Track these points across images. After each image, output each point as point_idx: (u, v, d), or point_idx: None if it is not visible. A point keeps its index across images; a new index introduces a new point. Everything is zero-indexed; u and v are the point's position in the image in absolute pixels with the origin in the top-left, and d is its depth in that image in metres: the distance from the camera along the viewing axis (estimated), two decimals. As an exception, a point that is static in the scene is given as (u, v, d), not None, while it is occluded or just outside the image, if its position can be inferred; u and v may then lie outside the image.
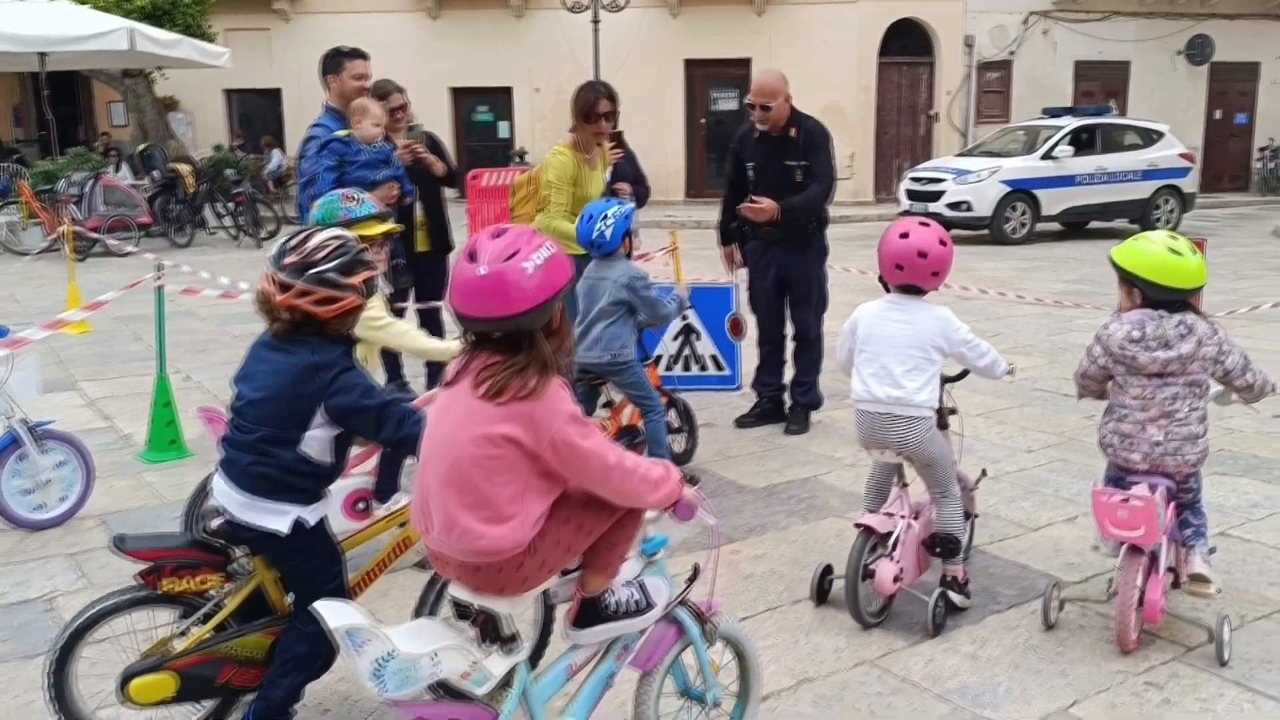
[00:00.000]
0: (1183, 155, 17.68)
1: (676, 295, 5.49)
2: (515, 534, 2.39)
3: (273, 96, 24.88)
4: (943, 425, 4.05)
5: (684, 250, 7.53)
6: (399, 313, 7.04)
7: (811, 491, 5.32)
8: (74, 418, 6.71)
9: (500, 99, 24.39)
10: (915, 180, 17.40)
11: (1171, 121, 19.57)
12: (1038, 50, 23.81)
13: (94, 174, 16.41)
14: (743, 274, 6.75)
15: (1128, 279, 3.58)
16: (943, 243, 3.79)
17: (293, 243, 3.00)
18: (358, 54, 6.25)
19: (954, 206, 16.54)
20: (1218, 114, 25.62)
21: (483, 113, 24.81)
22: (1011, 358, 8.34)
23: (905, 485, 4.05)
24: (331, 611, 2.39)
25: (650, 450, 5.26)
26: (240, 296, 7.37)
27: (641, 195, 7.14)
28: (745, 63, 22.94)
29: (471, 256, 2.37)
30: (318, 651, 2.95)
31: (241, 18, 24.34)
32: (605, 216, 5.19)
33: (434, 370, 7.32)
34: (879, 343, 3.85)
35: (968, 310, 10.27)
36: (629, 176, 6.92)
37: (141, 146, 18.52)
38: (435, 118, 24.12)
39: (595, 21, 20.51)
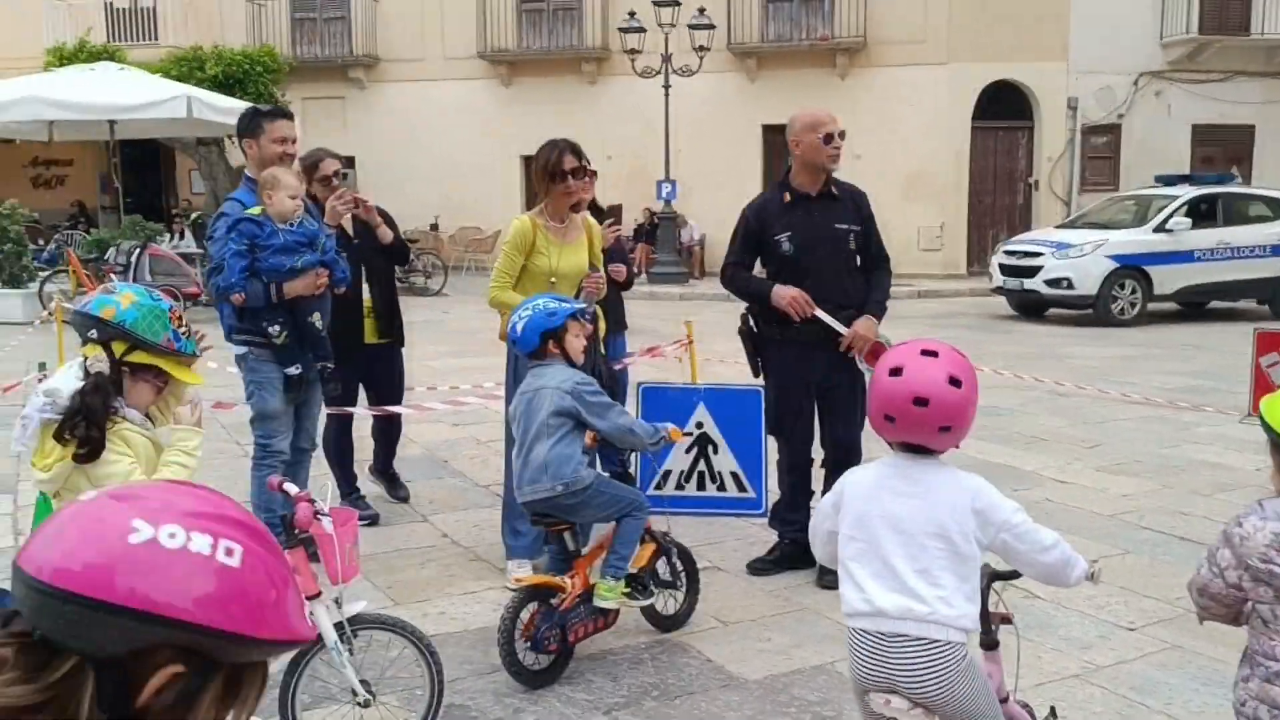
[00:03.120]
0: (1318, 228, 15.74)
1: (663, 425, 4.23)
2: None
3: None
4: (990, 644, 2.67)
5: (731, 333, 6.04)
6: (342, 421, 5.91)
7: (824, 691, 3.89)
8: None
9: (573, 167, 23.57)
10: (1009, 254, 15.79)
11: (1304, 191, 17.64)
12: (1150, 113, 22.02)
13: (142, 244, 15.86)
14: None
15: None
16: (955, 381, 2.46)
17: None
18: (280, 113, 5.14)
19: (1053, 283, 14.90)
20: (1357, 183, 23.38)
21: (555, 181, 24.03)
22: (1113, 479, 6.96)
23: None
24: None
25: (614, 549, 4.10)
26: (235, 408, 6.24)
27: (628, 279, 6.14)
28: (828, 128, 21.72)
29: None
30: None
31: (318, 86, 24.14)
32: (525, 309, 4.16)
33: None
34: (877, 527, 2.52)
35: (1060, 410, 8.73)
36: (616, 258, 5.77)
37: (195, 215, 17.99)
38: (506, 186, 23.39)
39: (666, 87, 19.54)
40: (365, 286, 5.75)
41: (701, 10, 19.56)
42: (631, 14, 19.92)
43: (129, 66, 18.29)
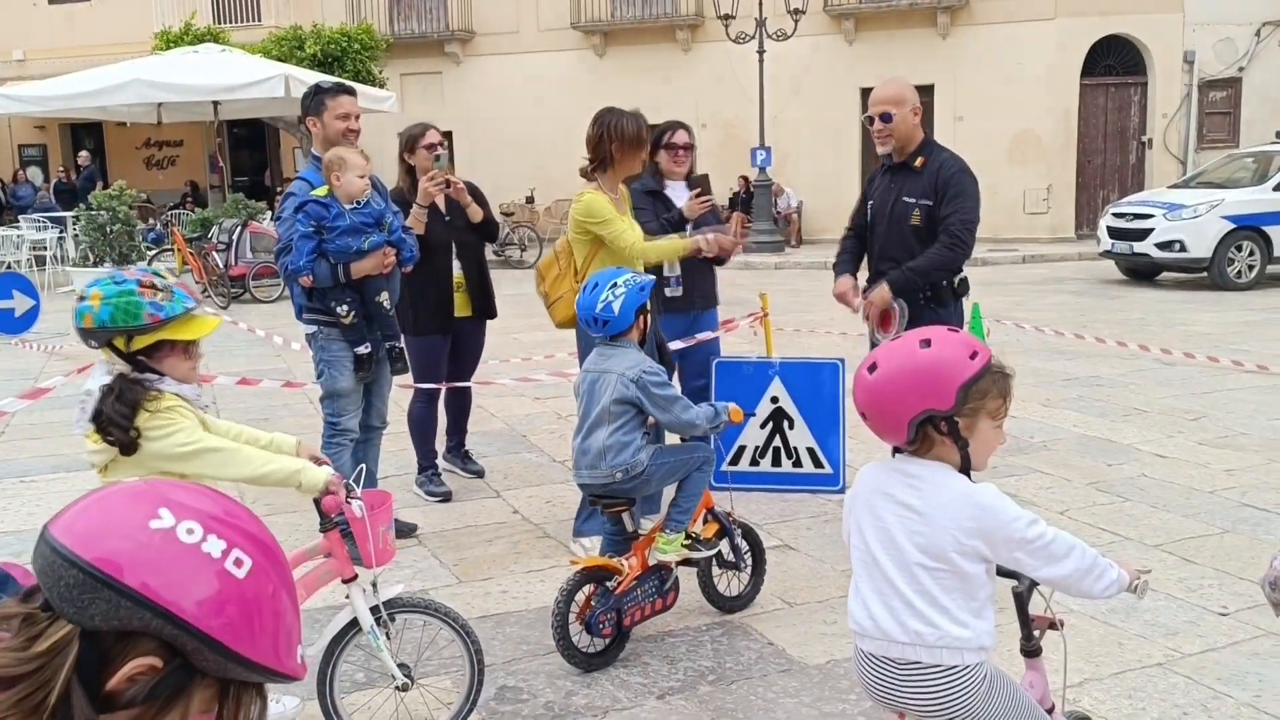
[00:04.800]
0: None
1: (723, 407, 4.08)
2: None
3: (445, 139, 24.67)
4: (1031, 652, 2.48)
5: (823, 304, 5.86)
6: (429, 395, 5.93)
7: (886, 676, 3.75)
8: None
9: (667, 136, 23.35)
10: (1118, 216, 15.12)
11: None
12: (1273, 65, 20.85)
13: (243, 221, 16.25)
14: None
15: None
16: (871, 368, 2.25)
17: None
18: (343, 89, 5.10)
19: (1164, 246, 14.22)
20: None
21: (648, 150, 23.89)
22: (1216, 454, 6.55)
23: None
24: None
25: (676, 503, 4.06)
26: (306, 386, 6.35)
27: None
28: (928, 89, 21.04)
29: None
30: None
31: (415, 62, 24.36)
32: (614, 284, 3.96)
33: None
34: (873, 541, 2.28)
35: (1165, 380, 8.33)
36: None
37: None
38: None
39: (760, 51, 19.17)
40: (456, 263, 5.76)
41: (797, -28, 19.14)
42: (725, -22, 19.62)
43: (230, 48, 18.70)
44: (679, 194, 5.61)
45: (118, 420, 2.76)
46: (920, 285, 4.75)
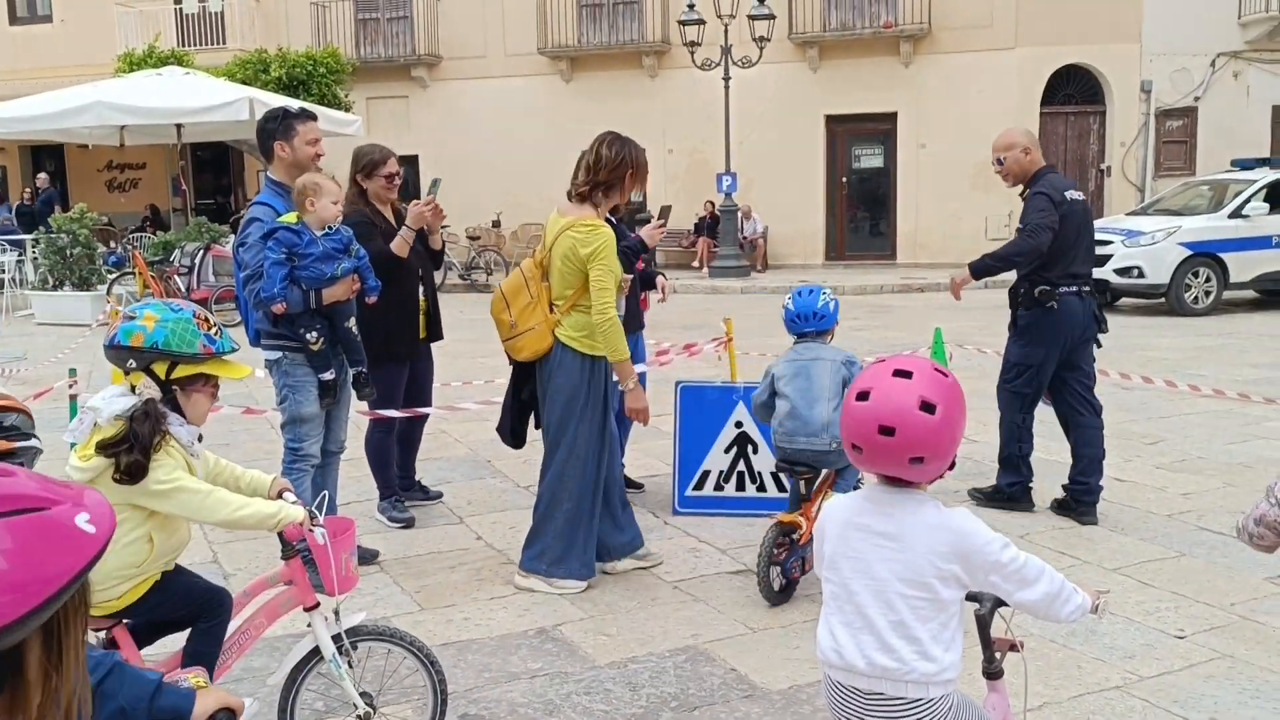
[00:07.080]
0: (1406, 213, 15.03)
1: None
2: None
3: (411, 162, 24.64)
4: (994, 674, 2.49)
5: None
6: (384, 424, 5.86)
7: (848, 701, 3.76)
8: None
9: (633, 161, 23.41)
10: (1078, 243, 15.33)
11: (1392, 172, 16.86)
12: (1228, 95, 21.27)
13: (205, 245, 16.12)
14: None
15: None
16: (928, 407, 2.16)
17: None
18: (309, 114, 5.10)
19: (1123, 273, 14.42)
20: None
21: (615, 176, 23.96)
22: (1173, 478, 6.66)
23: None
24: None
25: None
26: (266, 413, 6.31)
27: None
28: (890, 117, 21.37)
29: None
30: None
31: (382, 86, 24.32)
32: (825, 292, 4.93)
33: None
34: (848, 573, 2.28)
35: (1123, 404, 8.43)
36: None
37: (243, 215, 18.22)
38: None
39: (726, 79, 19.32)
40: (419, 288, 5.73)
41: (761, 0, 19.33)
42: (691, 5, 19.75)
43: (194, 70, 18.60)
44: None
45: (146, 443, 2.74)
46: (995, 270, 5.65)
